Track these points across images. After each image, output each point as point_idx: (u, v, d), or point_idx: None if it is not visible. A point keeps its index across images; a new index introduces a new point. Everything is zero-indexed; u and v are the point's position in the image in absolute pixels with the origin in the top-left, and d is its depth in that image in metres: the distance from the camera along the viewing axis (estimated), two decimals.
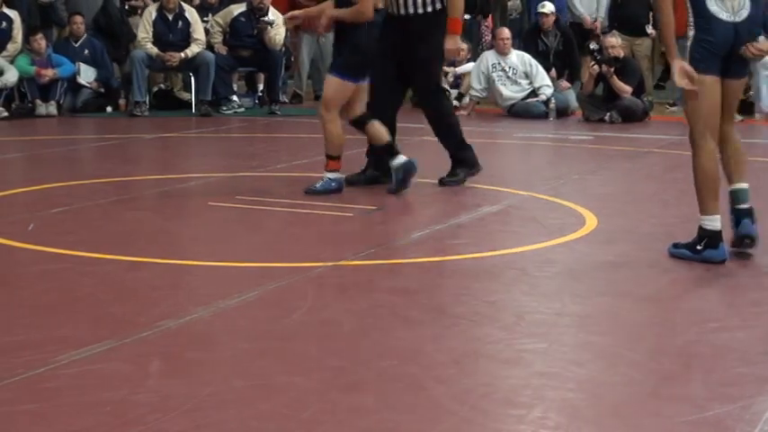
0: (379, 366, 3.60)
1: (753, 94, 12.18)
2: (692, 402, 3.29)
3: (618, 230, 5.87)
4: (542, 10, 12.52)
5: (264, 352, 3.75)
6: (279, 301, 4.43)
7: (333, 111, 6.81)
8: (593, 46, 11.94)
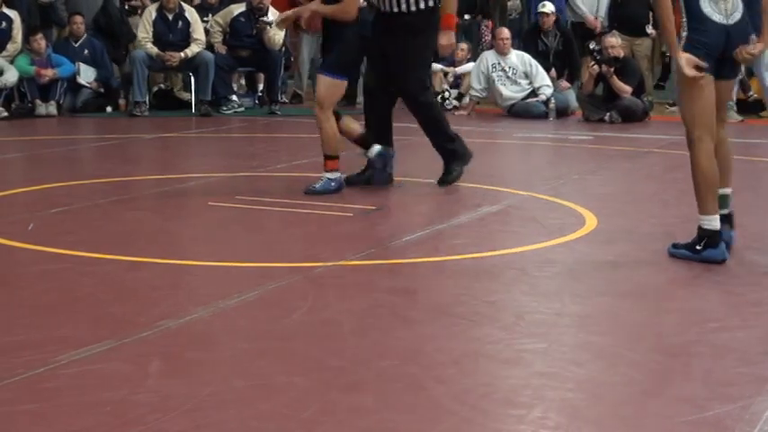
0: (379, 366, 3.60)
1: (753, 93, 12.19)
2: (692, 402, 3.29)
3: (618, 230, 5.87)
4: (543, 10, 12.51)
5: (264, 352, 3.75)
6: (279, 301, 4.43)
7: (327, 110, 6.81)
8: (592, 46, 11.93)
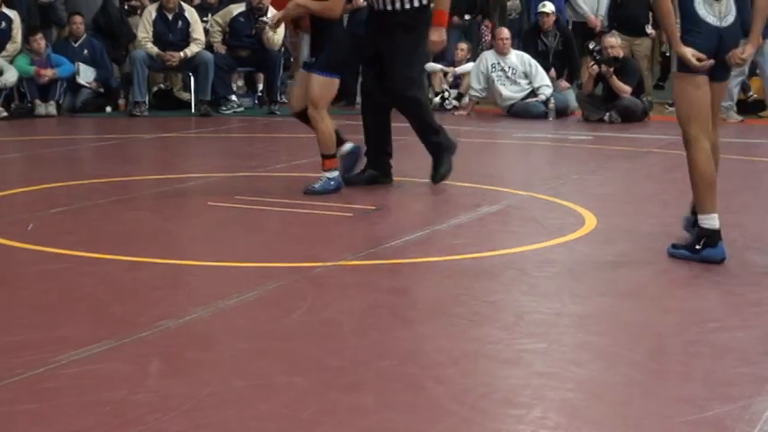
0: (379, 366, 3.60)
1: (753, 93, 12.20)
2: (692, 402, 3.29)
3: (617, 230, 5.87)
4: (543, 9, 12.51)
5: (264, 352, 3.75)
6: (278, 301, 4.43)
7: (322, 109, 6.80)
8: (592, 46, 11.94)
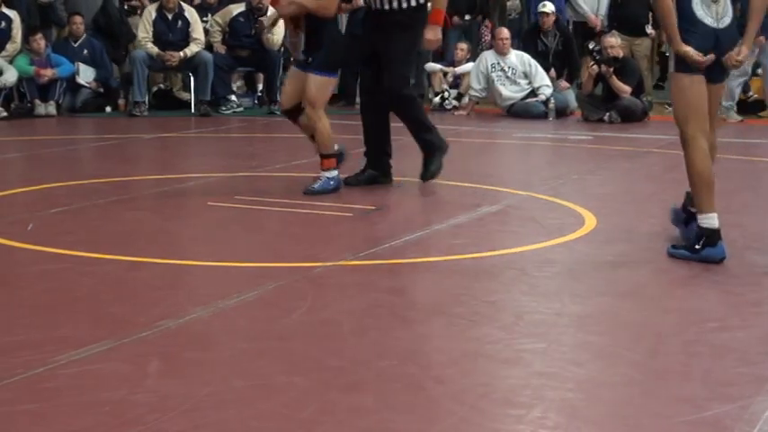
0: (379, 366, 3.60)
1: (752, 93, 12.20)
2: (692, 402, 3.29)
3: (617, 230, 5.87)
4: (543, 9, 12.51)
5: (264, 352, 3.75)
6: (278, 301, 4.43)
7: (319, 109, 6.80)
8: (592, 46, 11.94)
